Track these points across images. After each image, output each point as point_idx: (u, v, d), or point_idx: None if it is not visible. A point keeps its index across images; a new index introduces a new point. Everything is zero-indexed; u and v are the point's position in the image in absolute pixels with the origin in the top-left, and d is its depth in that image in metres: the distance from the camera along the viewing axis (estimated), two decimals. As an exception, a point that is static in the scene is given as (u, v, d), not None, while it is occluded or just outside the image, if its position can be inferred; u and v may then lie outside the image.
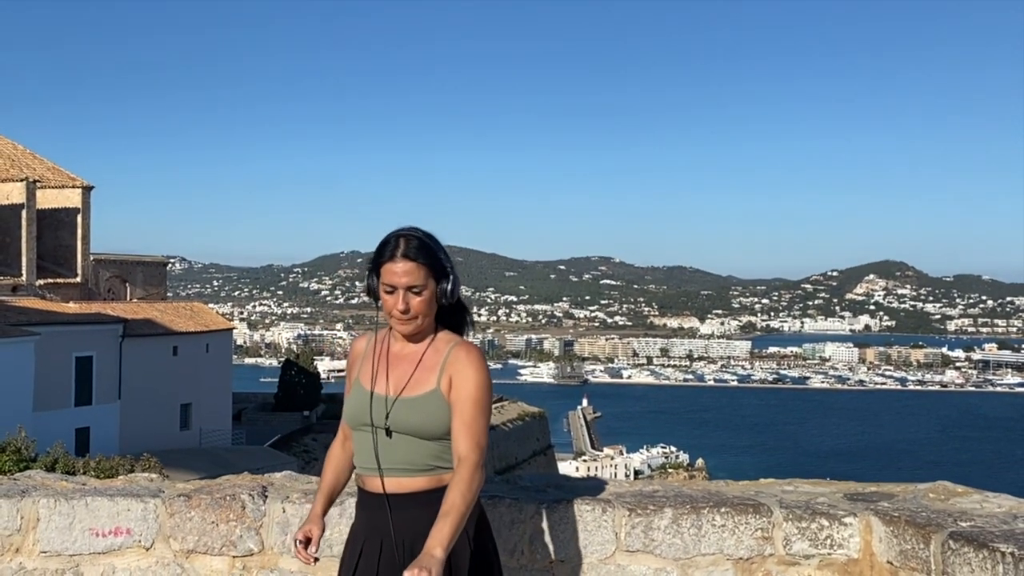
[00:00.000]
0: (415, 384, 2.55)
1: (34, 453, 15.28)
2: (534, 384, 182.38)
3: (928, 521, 2.99)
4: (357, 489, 2.66)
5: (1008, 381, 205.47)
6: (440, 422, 2.51)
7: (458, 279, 2.60)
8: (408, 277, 2.50)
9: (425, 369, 2.57)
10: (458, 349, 2.58)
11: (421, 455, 2.53)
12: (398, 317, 2.54)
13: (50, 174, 43.43)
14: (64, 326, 32.85)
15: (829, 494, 3.47)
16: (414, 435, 2.52)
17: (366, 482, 2.60)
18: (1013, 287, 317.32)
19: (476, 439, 2.48)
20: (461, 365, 2.54)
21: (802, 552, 3.17)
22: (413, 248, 2.51)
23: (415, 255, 2.51)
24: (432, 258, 2.53)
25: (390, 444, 2.53)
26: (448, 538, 2.29)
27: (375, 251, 2.58)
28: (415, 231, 2.56)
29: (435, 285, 2.55)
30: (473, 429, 2.48)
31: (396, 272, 2.50)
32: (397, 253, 2.51)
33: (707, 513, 3.18)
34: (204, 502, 3.18)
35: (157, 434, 34.40)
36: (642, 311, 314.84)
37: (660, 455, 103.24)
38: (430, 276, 2.53)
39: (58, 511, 3.16)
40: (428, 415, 2.51)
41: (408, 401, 2.54)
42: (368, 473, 2.58)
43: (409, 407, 2.53)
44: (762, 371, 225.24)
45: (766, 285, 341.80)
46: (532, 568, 3.14)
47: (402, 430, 2.53)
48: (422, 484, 2.53)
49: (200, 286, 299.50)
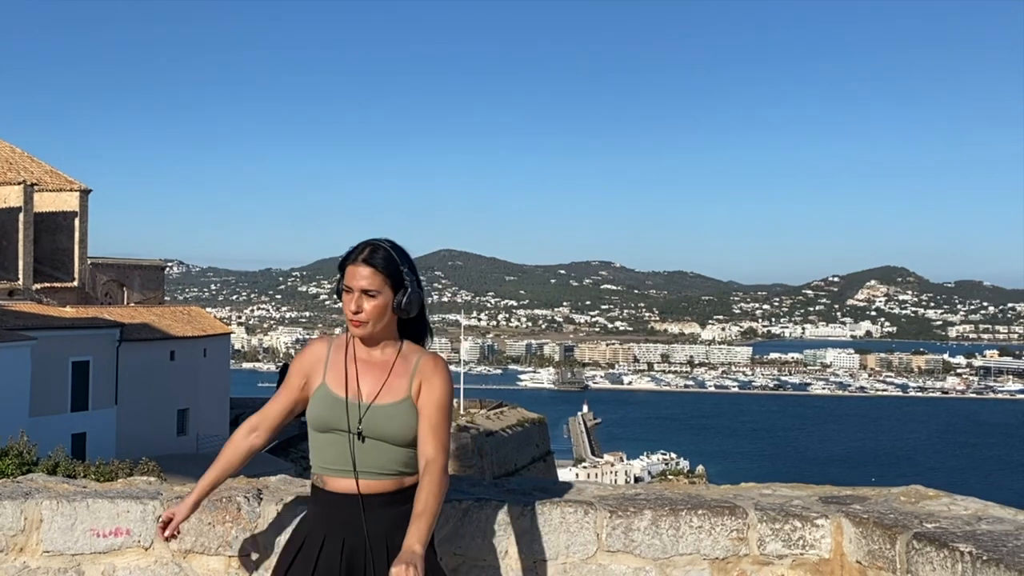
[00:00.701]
0: (388, 392, 2.71)
1: (36, 457, 15.42)
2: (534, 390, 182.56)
3: (895, 522, 3.11)
4: (312, 488, 2.79)
5: (1009, 388, 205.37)
6: (411, 429, 2.69)
7: (417, 295, 2.74)
8: (365, 281, 2.66)
9: (397, 377, 2.73)
10: (426, 359, 2.76)
11: (390, 460, 2.70)
12: (350, 318, 2.70)
13: (48, 177, 43.50)
14: (61, 331, 32.86)
15: (805, 497, 3.58)
16: (386, 441, 2.68)
17: (331, 483, 2.72)
18: (1014, 293, 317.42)
19: (443, 442, 2.67)
20: (429, 373, 2.73)
21: (776, 552, 3.29)
22: (377, 257, 2.68)
23: (376, 262, 2.67)
24: (392, 269, 2.69)
25: (363, 448, 2.68)
26: (425, 536, 2.46)
27: (344, 254, 2.75)
28: (384, 241, 2.73)
29: (392, 295, 2.69)
30: (439, 433, 2.67)
31: (355, 274, 2.68)
32: (360, 257, 2.68)
33: (685, 515, 3.30)
34: (201, 504, 3.31)
35: (154, 439, 34.39)
36: (643, 316, 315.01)
37: (660, 461, 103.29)
38: (387, 285, 2.68)
39: (60, 512, 3.27)
40: (401, 423, 2.68)
41: (381, 408, 2.69)
42: (338, 475, 2.71)
43: (383, 414, 2.68)
44: (763, 377, 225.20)
45: (767, 291, 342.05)
46: (516, 568, 3.27)
47: (375, 436, 2.68)
48: (388, 486, 2.70)
49: (198, 290, 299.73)
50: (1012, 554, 2.64)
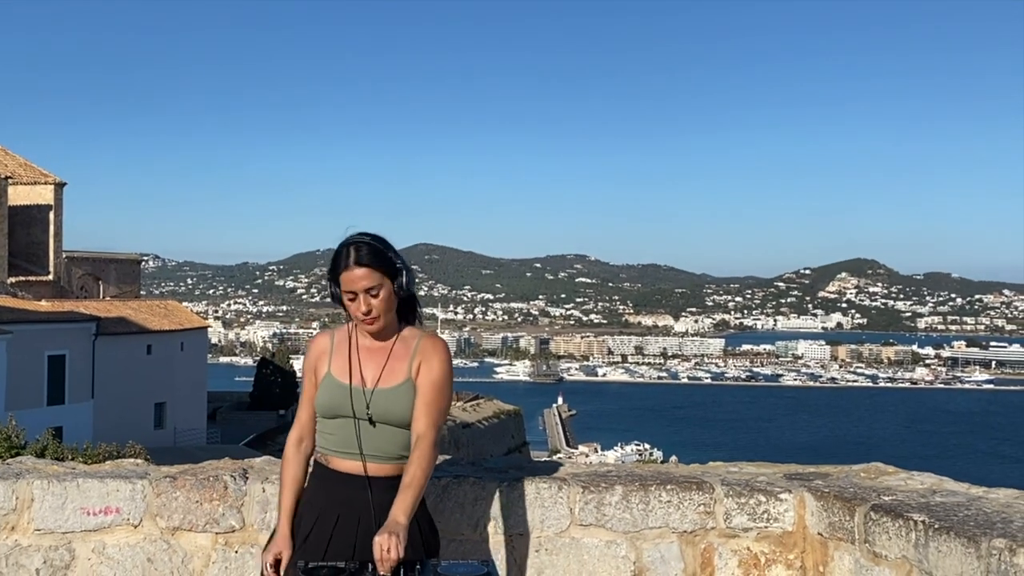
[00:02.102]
0: (389, 375, 2.78)
1: (24, 441, 15.44)
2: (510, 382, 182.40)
3: (854, 496, 3.25)
4: (316, 464, 2.86)
5: (976, 378, 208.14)
6: (413, 410, 2.76)
7: (410, 270, 2.81)
8: (364, 281, 2.72)
9: (397, 360, 2.80)
10: (425, 340, 2.83)
11: (394, 444, 2.76)
12: (362, 319, 2.76)
13: (22, 170, 42.96)
14: (36, 324, 32.57)
15: (770, 474, 3.72)
16: (393, 424, 2.75)
17: (334, 462, 2.79)
18: (982, 285, 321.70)
19: (434, 419, 2.74)
20: (429, 354, 2.80)
21: (741, 525, 3.44)
22: (364, 255, 2.73)
23: (367, 261, 2.72)
24: (382, 259, 2.75)
25: (371, 432, 2.75)
26: (410, 507, 2.56)
27: (331, 263, 2.80)
28: (363, 237, 2.78)
29: (391, 283, 2.76)
30: (432, 409, 2.75)
31: (353, 279, 2.73)
32: (350, 262, 2.73)
33: (655, 490, 3.43)
34: (189, 483, 3.40)
35: (131, 433, 33.96)
36: (617, 309, 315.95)
37: (634, 452, 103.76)
38: (384, 276, 2.74)
39: (51, 492, 3.35)
40: (404, 405, 2.75)
41: (385, 392, 2.76)
42: (345, 457, 2.77)
43: (387, 398, 2.75)
44: (735, 369, 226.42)
45: (739, 283, 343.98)
46: (494, 541, 3.40)
47: (383, 419, 2.75)
48: (391, 471, 2.75)
49: (174, 284, 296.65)
50: (962, 523, 2.78)
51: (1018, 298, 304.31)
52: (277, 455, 3.32)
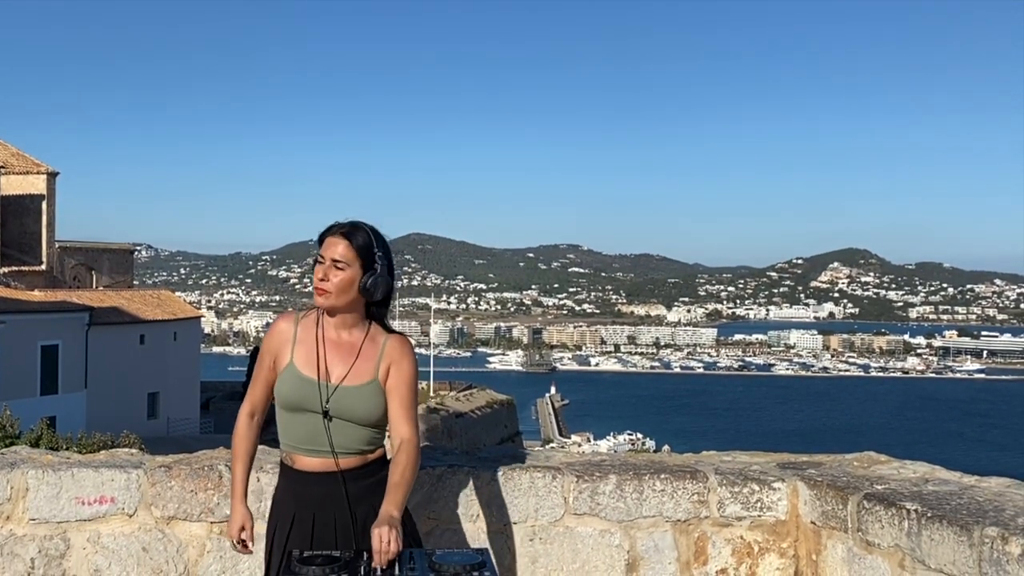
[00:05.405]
0: (356, 374, 2.78)
1: (18, 431, 15.40)
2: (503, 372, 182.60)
3: (847, 485, 3.28)
4: (282, 466, 2.86)
5: (967, 367, 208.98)
6: (378, 409, 2.78)
7: (385, 280, 2.78)
8: (338, 251, 2.73)
9: (364, 360, 2.80)
10: (392, 341, 2.84)
11: (355, 439, 2.77)
12: (316, 285, 2.77)
13: (14, 160, 42.77)
14: (29, 314, 32.48)
15: (763, 463, 3.75)
16: (353, 422, 2.76)
17: (299, 461, 2.79)
18: (973, 275, 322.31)
19: (414, 420, 2.79)
20: (398, 356, 2.81)
21: (735, 514, 3.46)
22: (354, 234, 2.76)
23: (352, 238, 2.75)
24: (366, 249, 2.75)
25: (338, 427, 2.75)
26: (401, 503, 2.59)
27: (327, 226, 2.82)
28: (368, 225, 2.81)
29: (360, 273, 2.75)
30: (411, 411, 2.79)
31: (331, 244, 2.76)
32: (340, 231, 2.76)
33: (648, 479, 3.46)
34: (183, 472, 3.40)
35: (124, 423, 33.90)
36: (610, 299, 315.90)
37: (627, 441, 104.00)
38: (357, 262, 2.74)
39: (46, 481, 3.35)
40: (369, 404, 2.76)
41: (350, 390, 2.76)
42: (309, 454, 2.77)
43: (352, 396, 2.75)
44: (728, 358, 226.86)
45: (732, 273, 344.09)
46: (488, 530, 3.41)
47: (343, 416, 2.75)
48: (353, 463, 2.77)
49: (167, 274, 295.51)
50: (954, 511, 2.81)
51: (1009, 288, 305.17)
52: (271, 444, 3.32)
